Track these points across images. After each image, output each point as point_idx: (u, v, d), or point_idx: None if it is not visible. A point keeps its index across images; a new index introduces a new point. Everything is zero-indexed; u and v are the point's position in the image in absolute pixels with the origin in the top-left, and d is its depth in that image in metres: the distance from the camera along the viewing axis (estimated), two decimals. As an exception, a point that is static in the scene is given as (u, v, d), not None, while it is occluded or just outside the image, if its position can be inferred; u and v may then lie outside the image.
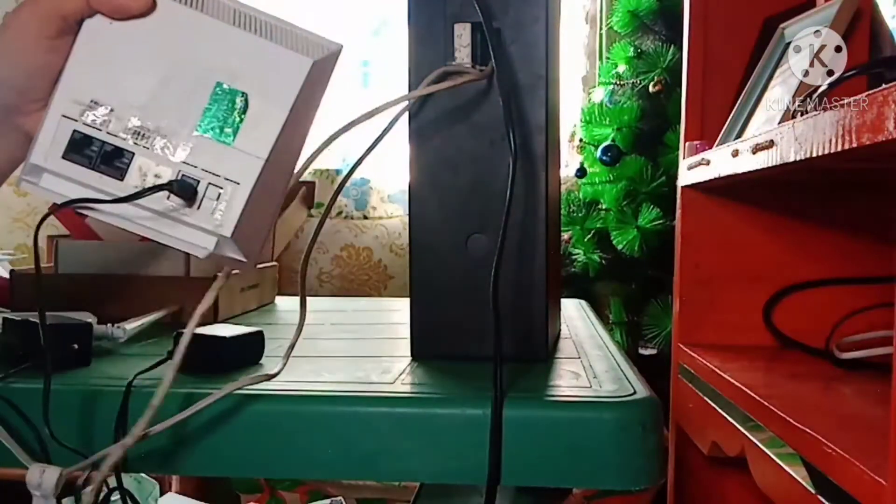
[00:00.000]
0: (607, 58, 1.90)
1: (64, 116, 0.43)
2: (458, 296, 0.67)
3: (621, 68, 1.78)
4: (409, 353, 0.69)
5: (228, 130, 0.43)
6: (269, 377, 0.58)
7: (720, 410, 0.90)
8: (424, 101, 0.66)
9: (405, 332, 0.69)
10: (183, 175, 0.43)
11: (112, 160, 0.43)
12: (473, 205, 0.66)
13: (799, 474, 0.67)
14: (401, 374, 0.62)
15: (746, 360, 0.96)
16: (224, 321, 0.90)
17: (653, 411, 0.55)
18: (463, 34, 0.64)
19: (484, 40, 0.63)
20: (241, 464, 0.56)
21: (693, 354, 1.02)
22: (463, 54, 0.64)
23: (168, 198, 0.43)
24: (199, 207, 0.44)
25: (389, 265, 2.22)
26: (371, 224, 2.21)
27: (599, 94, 1.85)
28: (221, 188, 0.43)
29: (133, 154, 0.43)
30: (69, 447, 0.53)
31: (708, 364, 0.94)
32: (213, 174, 0.43)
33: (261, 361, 0.67)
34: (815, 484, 0.64)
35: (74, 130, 0.43)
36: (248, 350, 0.67)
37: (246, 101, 0.43)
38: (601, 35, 2.10)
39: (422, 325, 0.68)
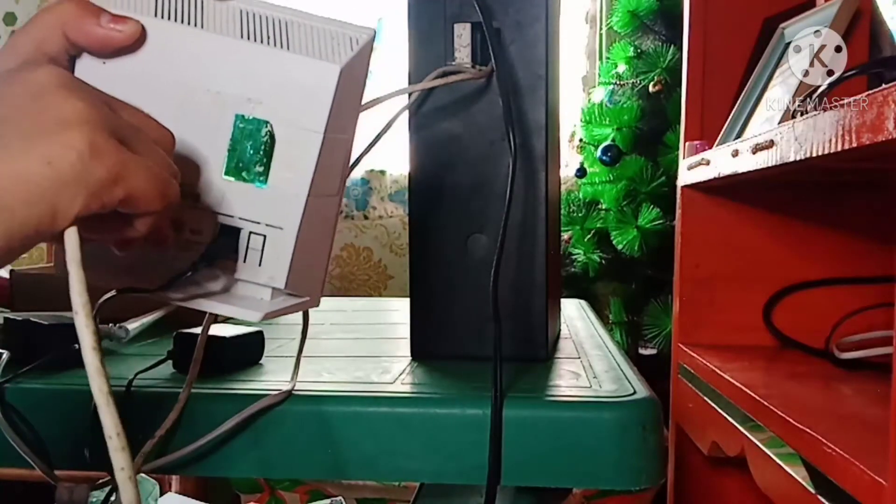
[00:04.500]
0: (607, 58, 1.90)
1: None
2: (458, 296, 0.67)
3: (621, 68, 1.78)
4: (409, 353, 0.69)
5: (259, 169, 0.37)
6: (288, 393, 0.57)
7: (720, 410, 0.90)
8: (424, 101, 0.66)
9: (405, 332, 0.69)
10: (220, 226, 0.38)
11: None
12: (473, 205, 0.66)
13: (799, 474, 0.67)
14: (401, 374, 0.62)
15: (746, 360, 0.96)
16: (224, 321, 0.90)
17: (653, 411, 0.55)
18: (463, 34, 0.64)
19: (484, 40, 0.63)
20: (241, 464, 0.56)
21: (693, 354, 1.02)
22: (463, 54, 0.64)
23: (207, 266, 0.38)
24: (245, 261, 0.38)
25: (389, 265, 2.22)
26: (371, 224, 2.21)
27: (599, 94, 1.85)
28: (264, 234, 0.38)
29: None
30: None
31: (708, 364, 0.94)
32: (253, 221, 0.38)
33: (261, 361, 0.67)
34: (815, 484, 0.64)
35: None
36: (248, 350, 0.67)
37: (271, 132, 0.37)
38: (601, 35, 2.10)
39: (422, 325, 0.68)
